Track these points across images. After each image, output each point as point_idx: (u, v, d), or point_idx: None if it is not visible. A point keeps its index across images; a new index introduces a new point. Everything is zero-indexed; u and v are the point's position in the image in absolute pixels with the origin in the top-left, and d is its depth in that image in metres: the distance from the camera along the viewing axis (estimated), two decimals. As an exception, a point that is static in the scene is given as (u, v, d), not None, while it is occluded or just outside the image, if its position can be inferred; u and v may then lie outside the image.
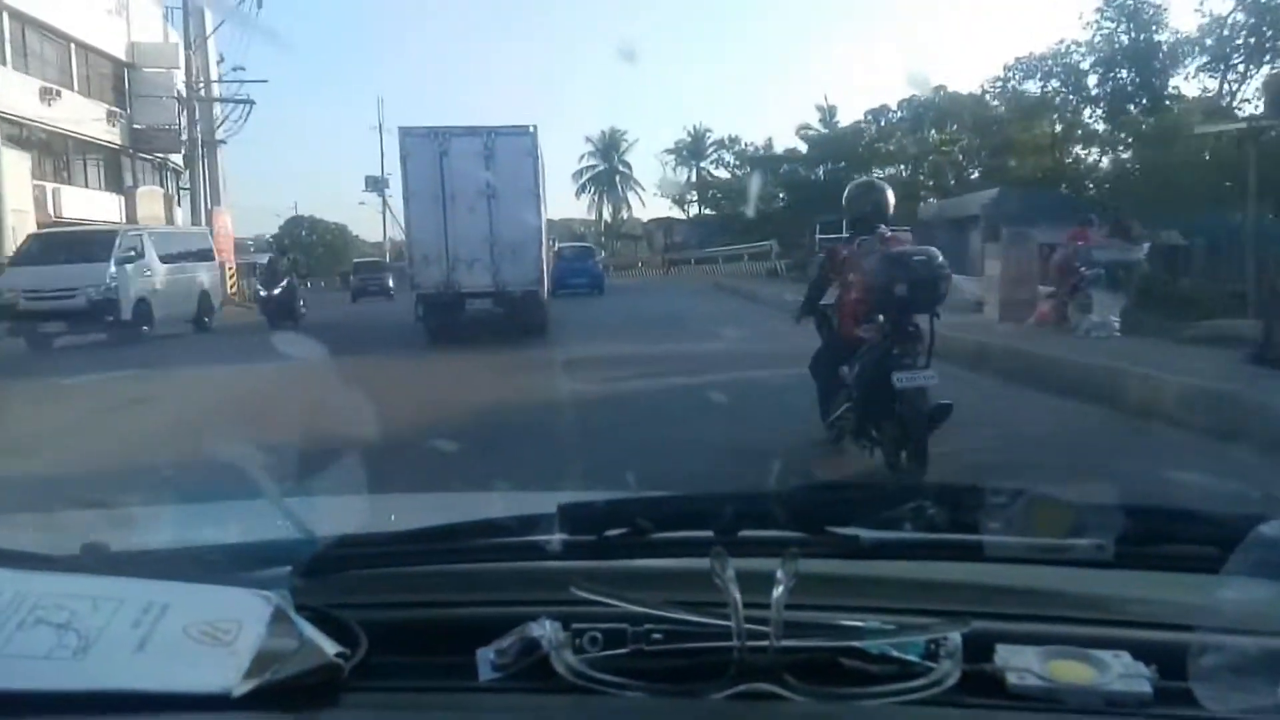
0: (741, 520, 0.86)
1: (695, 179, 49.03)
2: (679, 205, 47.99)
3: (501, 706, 0.75)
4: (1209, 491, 3.56)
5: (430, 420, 5.96)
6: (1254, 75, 27.52)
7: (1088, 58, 31.11)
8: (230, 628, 0.74)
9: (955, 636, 0.75)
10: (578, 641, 0.76)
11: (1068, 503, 0.82)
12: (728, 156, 47.97)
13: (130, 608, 0.75)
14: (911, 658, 0.74)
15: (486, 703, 0.75)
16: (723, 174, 47.08)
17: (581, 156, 57.78)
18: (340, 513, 1.05)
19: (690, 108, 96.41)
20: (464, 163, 12.57)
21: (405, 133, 13.02)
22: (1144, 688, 0.72)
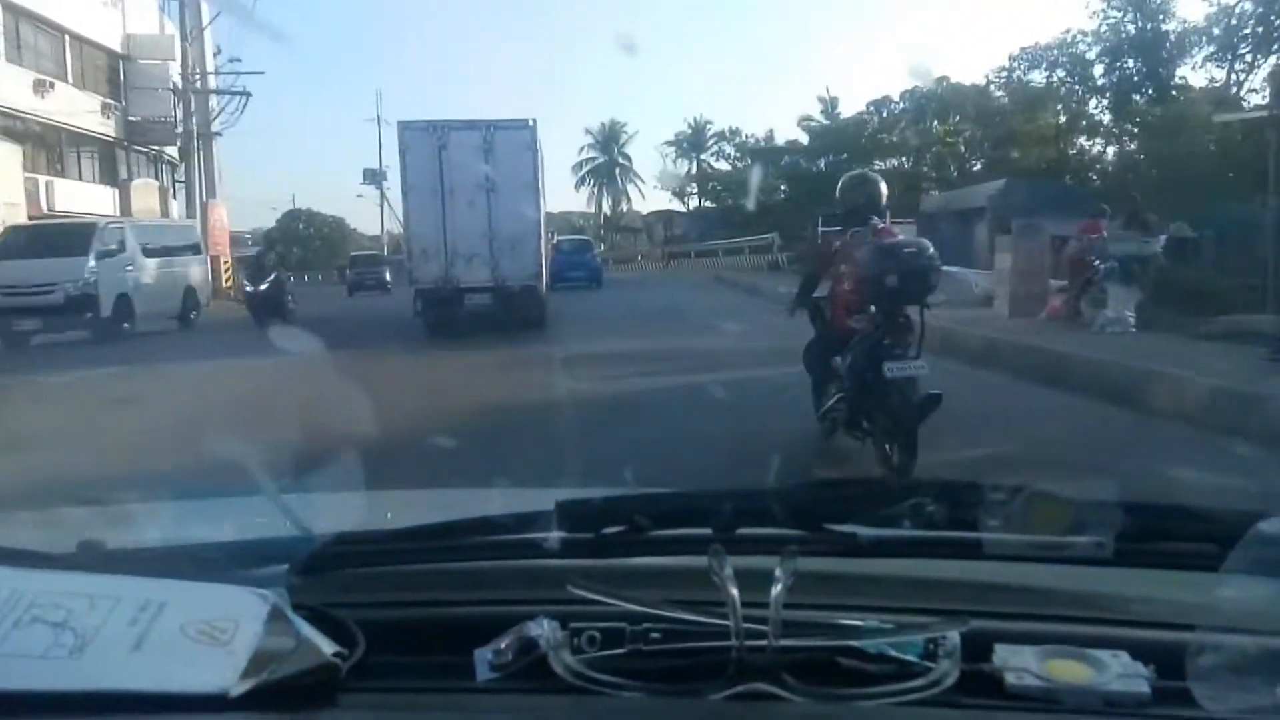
0: (740, 518, 0.86)
1: (695, 171, 49.00)
2: (679, 198, 48.07)
3: (499, 707, 0.76)
4: (1208, 488, 3.55)
5: (422, 422, 5.77)
6: (1261, 65, 27.47)
7: (1094, 47, 31.08)
8: (227, 626, 0.74)
9: (954, 636, 0.75)
10: (575, 641, 0.76)
11: (1066, 500, 0.82)
12: (728, 148, 48.00)
13: (127, 606, 0.75)
14: (910, 657, 0.74)
15: (484, 703, 0.76)
16: (723, 166, 47.13)
17: (581, 149, 57.72)
18: (337, 510, 1.06)
19: (690, 99, 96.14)
20: (463, 156, 12.55)
21: (404, 126, 13.00)
22: (1142, 687, 0.72)
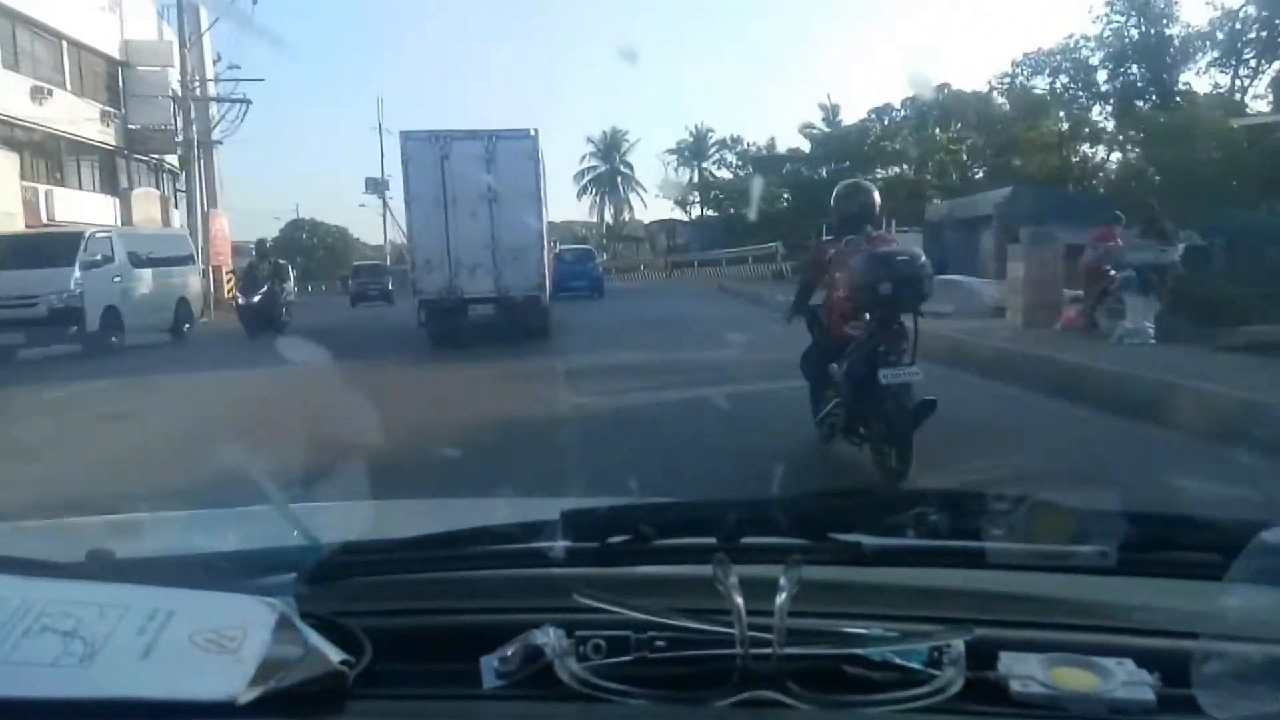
0: (744, 527, 0.87)
1: (697, 180, 49.16)
2: (681, 207, 48.12)
3: (505, 714, 0.76)
4: (1211, 498, 3.53)
5: (420, 442, 5.50)
6: (1266, 70, 27.52)
7: (1097, 53, 31.15)
8: (235, 635, 0.75)
9: (958, 644, 0.76)
10: (581, 649, 0.77)
11: (1070, 509, 0.83)
12: (730, 157, 48.17)
13: (135, 615, 0.76)
14: (915, 665, 0.75)
15: (490, 711, 0.77)
16: (725, 174, 47.26)
17: (583, 157, 57.96)
18: (343, 520, 1.07)
19: (692, 107, 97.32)
20: (465, 166, 12.63)
21: (406, 136, 13.08)
22: (1147, 695, 0.73)
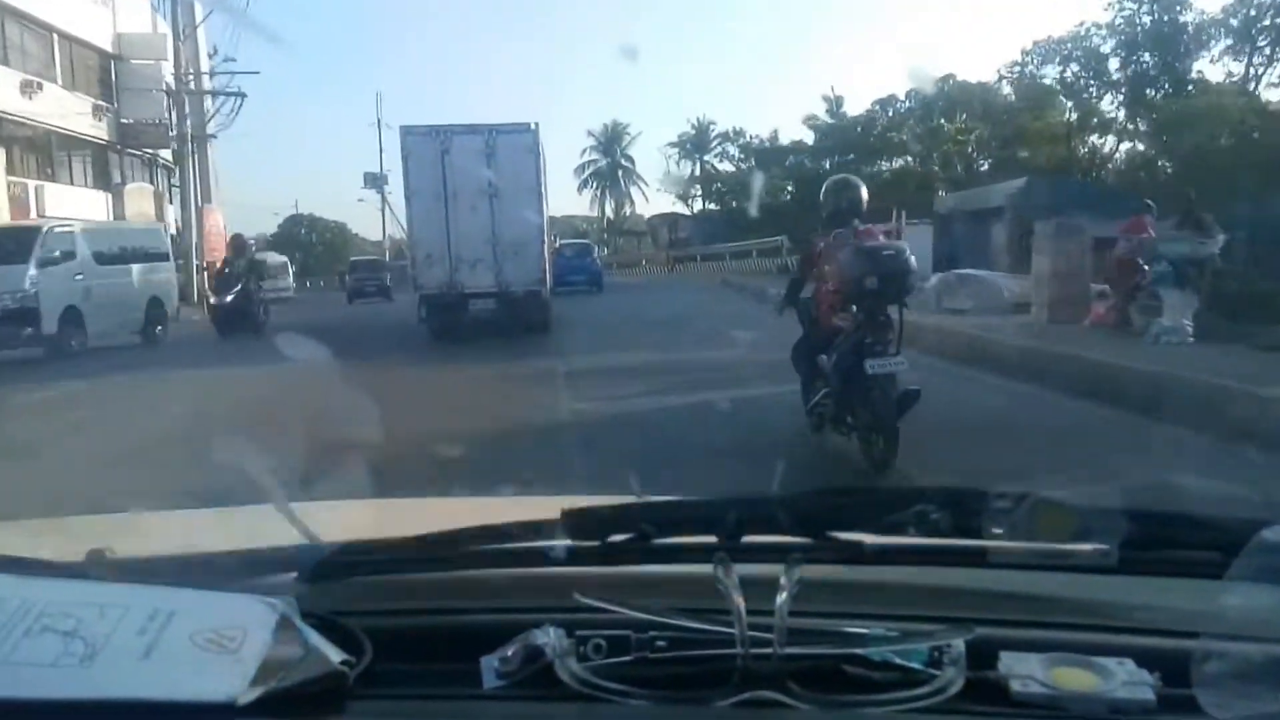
0: (745, 526, 0.88)
1: (699, 173, 49.10)
2: (683, 200, 48.13)
3: (505, 714, 0.77)
4: (1212, 496, 3.52)
5: (408, 460, 4.90)
6: (1280, 58, 27.42)
7: (1109, 40, 31.03)
8: (236, 635, 0.76)
9: (959, 643, 0.77)
10: (581, 649, 0.78)
11: (1071, 508, 0.84)
12: (732, 149, 47.97)
13: (136, 615, 0.77)
14: (915, 665, 0.76)
15: (490, 710, 0.78)
16: (727, 167, 47.17)
17: (583, 151, 57.90)
18: (344, 519, 1.08)
19: (693, 100, 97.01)
20: (466, 161, 12.68)
21: (406, 131, 13.13)
22: (1147, 695, 0.74)
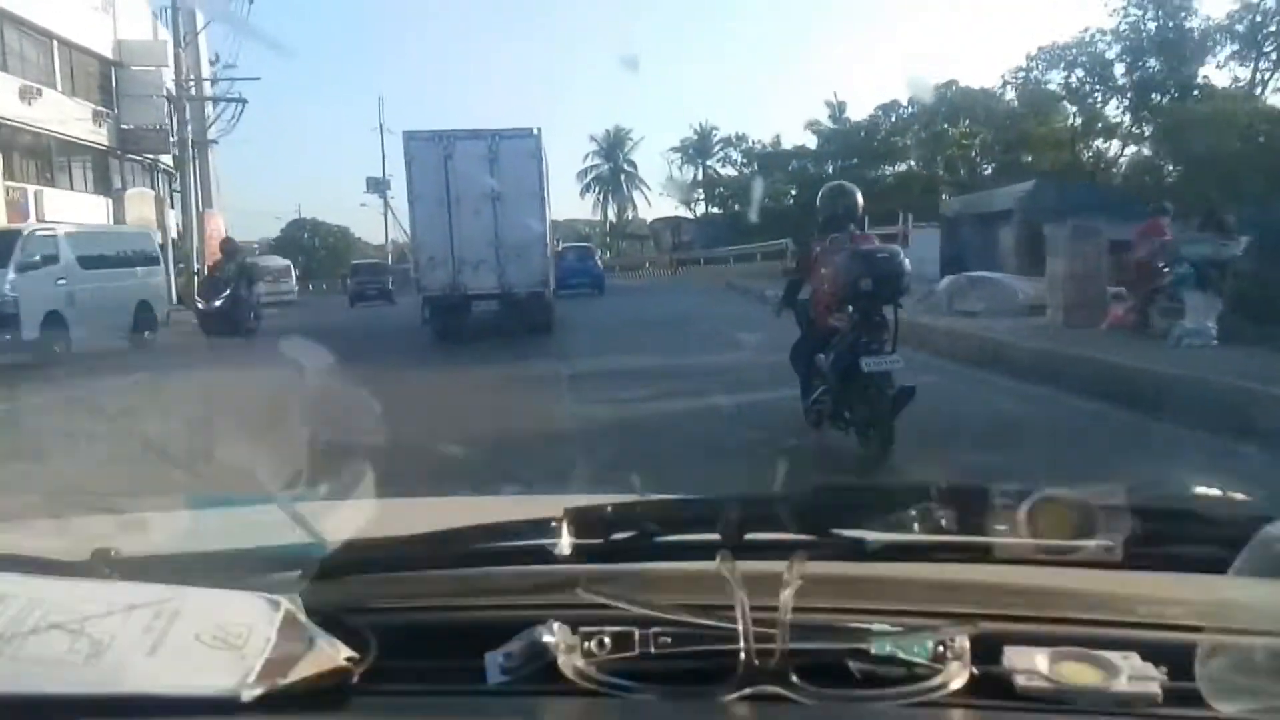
0: (748, 523, 0.88)
1: (702, 177, 49.18)
2: (686, 205, 48.16)
3: (510, 710, 0.78)
4: (1216, 491, 3.49)
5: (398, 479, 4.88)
6: (1287, 63, 27.42)
7: (1114, 46, 31.07)
8: (241, 632, 0.77)
9: (963, 638, 0.77)
10: (586, 645, 0.79)
11: (1075, 503, 0.84)
12: (735, 154, 48.06)
13: (142, 612, 0.78)
14: (919, 660, 0.76)
15: (495, 706, 0.78)
16: (730, 172, 47.26)
17: (586, 156, 58.01)
18: (348, 518, 1.09)
19: (695, 105, 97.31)
20: (468, 166, 12.79)
21: (409, 136, 13.24)
22: (1152, 689, 0.74)
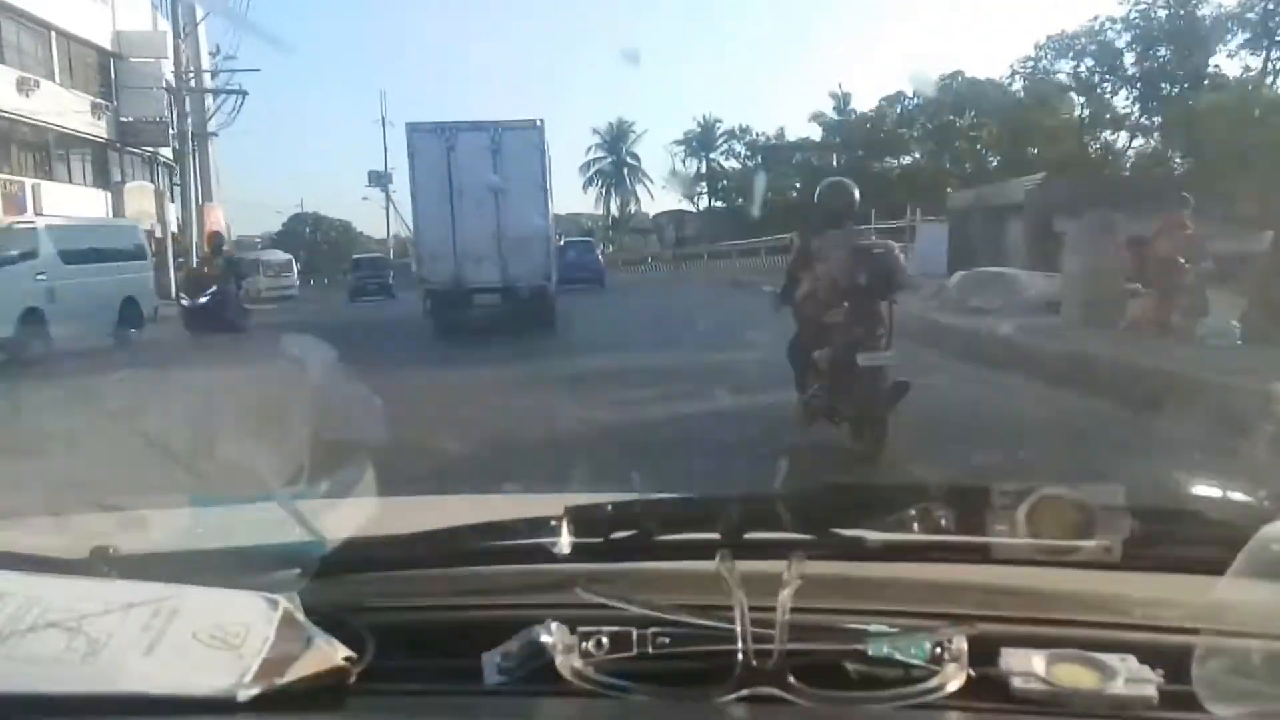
0: (747, 523, 0.89)
1: (705, 171, 49.14)
2: (689, 198, 48.19)
3: (507, 710, 0.79)
4: (1215, 492, 3.47)
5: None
6: (1299, 52, 27.29)
7: (1124, 35, 30.93)
8: (239, 631, 0.78)
9: (960, 640, 0.78)
10: (584, 645, 0.79)
11: (1073, 504, 0.85)
12: (739, 147, 48.08)
13: (139, 611, 0.78)
14: (916, 661, 0.77)
15: (492, 706, 0.79)
16: (733, 165, 47.29)
17: (588, 149, 57.83)
18: (348, 515, 1.09)
19: (698, 98, 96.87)
20: (471, 158, 12.75)
21: (412, 129, 13.20)
22: (1149, 691, 0.74)
